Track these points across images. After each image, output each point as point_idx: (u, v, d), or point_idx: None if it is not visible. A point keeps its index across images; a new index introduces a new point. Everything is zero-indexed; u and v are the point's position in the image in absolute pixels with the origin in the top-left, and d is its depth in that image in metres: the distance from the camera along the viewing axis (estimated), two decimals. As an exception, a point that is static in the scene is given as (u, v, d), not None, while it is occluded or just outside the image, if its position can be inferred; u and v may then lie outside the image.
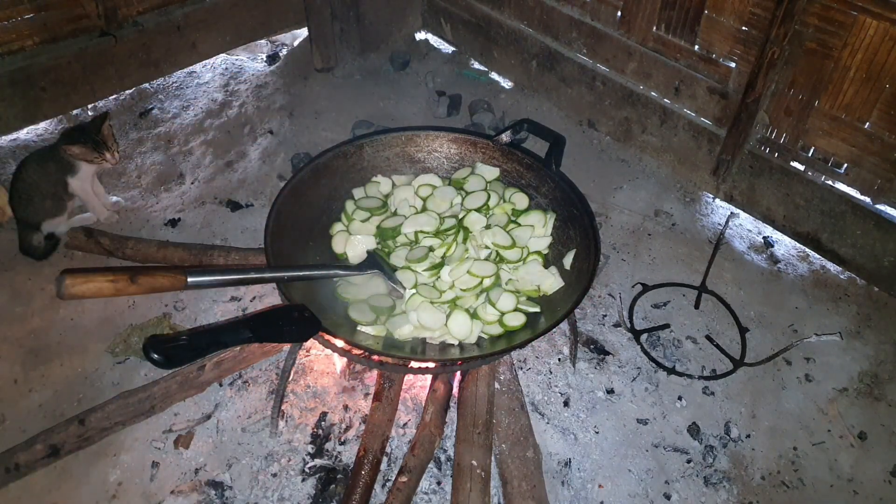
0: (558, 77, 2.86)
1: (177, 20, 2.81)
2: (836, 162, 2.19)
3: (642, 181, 2.66)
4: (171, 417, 1.82)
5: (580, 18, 2.68)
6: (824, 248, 2.32)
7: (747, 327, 2.13)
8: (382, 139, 2.03)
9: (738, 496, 1.74)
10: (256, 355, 1.87)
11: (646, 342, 2.07)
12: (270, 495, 1.66)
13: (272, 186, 2.56)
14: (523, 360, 1.99)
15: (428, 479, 1.70)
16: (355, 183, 2.02)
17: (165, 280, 1.22)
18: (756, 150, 2.35)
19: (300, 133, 2.83)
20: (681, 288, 2.25)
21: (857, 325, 2.16)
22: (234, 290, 2.16)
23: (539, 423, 1.83)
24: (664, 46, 2.46)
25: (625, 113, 2.69)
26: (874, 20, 1.91)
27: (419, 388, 1.88)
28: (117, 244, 2.16)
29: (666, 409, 1.91)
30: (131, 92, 2.94)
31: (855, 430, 1.89)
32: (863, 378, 2.02)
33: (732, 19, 2.22)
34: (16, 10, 2.41)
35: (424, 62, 3.27)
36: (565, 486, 1.72)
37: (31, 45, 2.49)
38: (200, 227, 2.40)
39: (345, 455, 1.74)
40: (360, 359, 1.64)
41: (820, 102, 2.13)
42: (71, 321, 2.07)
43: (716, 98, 2.38)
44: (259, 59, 3.30)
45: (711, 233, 2.46)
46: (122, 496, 1.67)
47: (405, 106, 3.01)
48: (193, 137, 2.79)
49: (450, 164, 2.09)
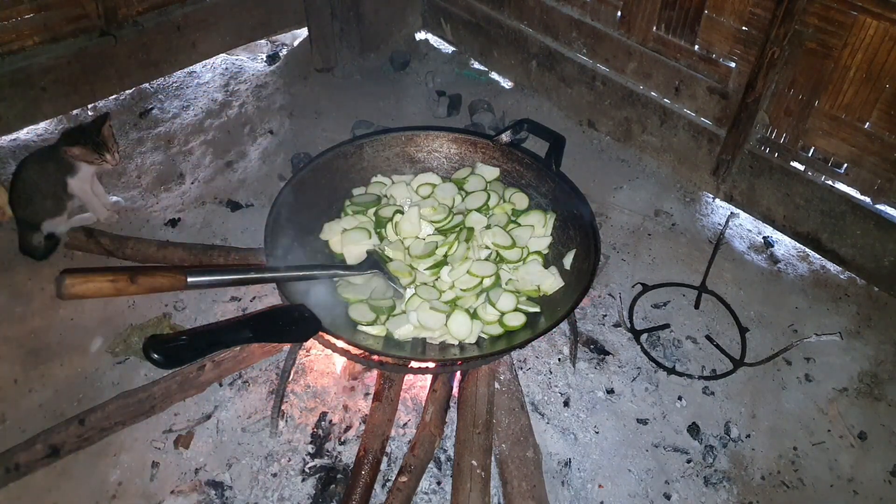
0: (558, 77, 2.86)
1: (177, 20, 2.81)
2: (836, 162, 2.19)
3: (642, 181, 2.66)
4: (171, 417, 1.82)
5: (580, 18, 2.68)
6: (824, 248, 2.32)
7: (747, 327, 2.13)
8: (382, 139, 2.03)
9: (738, 496, 1.74)
10: (256, 355, 1.87)
11: (646, 342, 2.07)
12: (270, 495, 1.66)
13: (272, 186, 2.56)
14: (523, 360, 1.99)
15: (428, 479, 1.70)
16: (355, 183, 2.02)
17: (165, 280, 1.22)
18: (756, 150, 2.35)
19: (300, 133, 2.83)
20: (681, 288, 2.25)
21: (857, 325, 2.16)
22: (235, 290, 2.16)
23: (539, 423, 1.83)
24: (664, 46, 2.46)
25: (625, 113, 2.69)
26: (874, 20, 1.91)
27: (419, 388, 1.88)
28: (117, 244, 2.16)
29: (666, 409, 1.91)
30: (131, 92, 2.94)
31: (855, 430, 1.89)
32: (863, 378, 2.02)
33: (732, 19, 2.22)
34: (16, 10, 2.41)
35: (424, 62, 3.27)
36: (565, 486, 1.72)
37: (31, 45, 2.49)
38: (200, 227, 2.40)
39: (345, 455, 1.74)
40: (360, 359, 1.64)
41: (820, 102, 2.13)
42: (71, 321, 2.07)
43: (716, 98, 2.38)
44: (259, 59, 3.30)
45: (711, 233, 2.46)
46: (122, 496, 1.67)
47: (405, 106, 3.01)
48: (193, 137, 2.79)
49: (450, 164, 2.09)
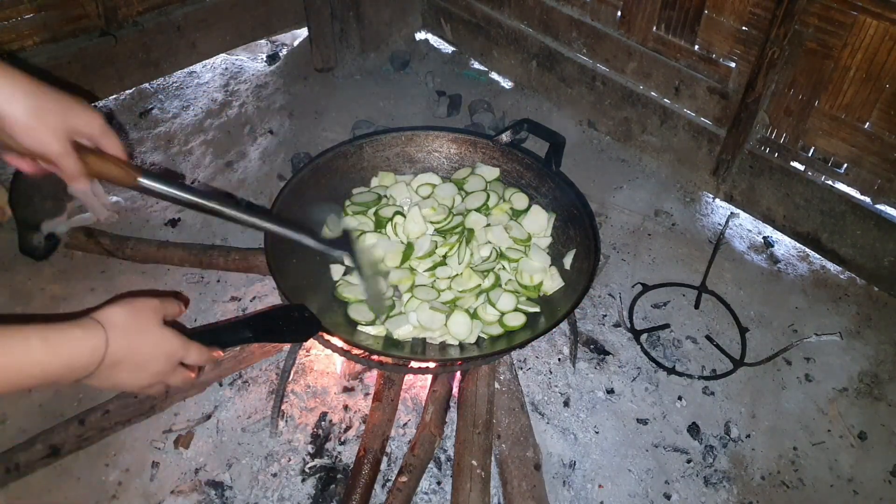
0: (558, 77, 2.86)
1: (177, 20, 2.81)
2: (836, 162, 2.19)
3: (642, 181, 2.66)
4: (171, 417, 1.82)
5: (580, 18, 2.68)
6: (824, 248, 2.32)
7: (747, 327, 2.13)
8: (382, 139, 2.03)
9: (738, 496, 1.74)
10: (256, 355, 1.87)
11: (646, 342, 2.07)
12: (270, 495, 1.66)
13: (272, 186, 2.56)
14: (523, 360, 1.99)
15: (428, 479, 1.70)
16: (355, 183, 2.02)
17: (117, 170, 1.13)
18: (756, 150, 2.35)
19: (300, 133, 2.83)
20: (681, 288, 2.25)
21: (857, 325, 2.16)
22: (235, 290, 2.16)
23: (539, 423, 1.83)
24: (664, 46, 2.46)
25: (625, 113, 2.69)
26: (874, 20, 1.91)
27: (419, 388, 1.88)
28: (117, 244, 2.16)
29: (666, 409, 1.92)
30: (131, 92, 2.94)
31: (855, 430, 1.89)
32: (863, 378, 2.02)
33: (732, 19, 2.22)
34: (16, 10, 2.41)
35: (424, 62, 3.27)
36: (565, 487, 1.72)
37: (31, 44, 2.49)
38: (200, 227, 2.40)
39: (345, 455, 1.74)
40: (360, 359, 1.64)
41: (820, 102, 2.13)
42: (71, 321, 2.07)
43: (716, 98, 2.38)
44: (259, 59, 3.30)
45: (711, 233, 2.46)
46: (122, 496, 1.67)
47: (405, 106, 3.01)
48: (193, 137, 2.79)
49: (450, 164, 2.09)
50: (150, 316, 1.05)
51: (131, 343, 1.01)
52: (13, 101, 0.97)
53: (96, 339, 0.95)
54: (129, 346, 1.00)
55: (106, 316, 0.99)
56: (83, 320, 0.97)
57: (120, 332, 0.99)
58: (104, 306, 1.02)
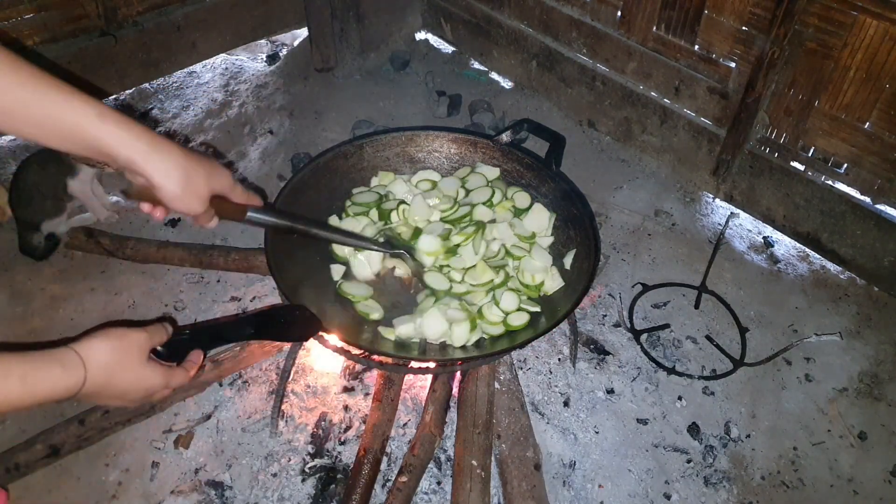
0: (558, 77, 2.86)
1: (177, 20, 2.81)
2: (836, 162, 2.19)
3: (642, 181, 2.66)
4: (171, 417, 1.82)
5: (580, 18, 2.68)
6: (824, 248, 2.32)
7: (747, 327, 2.13)
8: (382, 139, 2.03)
9: (738, 496, 1.74)
10: (256, 355, 1.87)
11: (646, 342, 2.07)
12: (270, 495, 1.66)
13: (272, 186, 2.56)
14: (523, 360, 1.99)
15: (428, 479, 1.70)
16: (355, 183, 2.02)
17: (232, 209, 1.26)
18: (756, 150, 2.35)
19: (300, 133, 2.83)
20: (681, 288, 2.25)
21: (857, 325, 2.16)
22: (235, 290, 2.16)
23: (539, 423, 1.83)
24: (664, 46, 2.46)
25: (625, 113, 2.69)
26: (874, 20, 1.91)
27: (419, 388, 1.88)
28: (117, 244, 2.16)
29: (666, 409, 1.92)
30: (131, 92, 2.94)
31: (855, 430, 1.89)
32: (863, 378, 2.02)
33: (732, 19, 2.22)
34: (16, 10, 2.41)
35: (424, 62, 3.27)
36: (565, 487, 1.72)
37: (31, 45, 2.49)
38: (200, 227, 2.40)
39: (345, 455, 1.74)
40: (360, 359, 1.64)
41: (820, 102, 2.13)
42: (71, 321, 2.07)
43: (716, 98, 2.38)
44: (259, 59, 3.30)
45: (711, 233, 2.46)
46: (122, 496, 1.67)
47: (405, 106, 3.01)
48: (193, 137, 2.79)
49: (450, 164, 2.09)
50: (135, 353, 1.05)
51: (111, 379, 1.01)
52: (169, 177, 1.08)
53: (75, 378, 0.96)
54: (108, 382, 1.01)
55: (90, 352, 0.99)
56: (66, 355, 0.96)
57: (101, 370, 0.99)
58: (91, 337, 1.01)
